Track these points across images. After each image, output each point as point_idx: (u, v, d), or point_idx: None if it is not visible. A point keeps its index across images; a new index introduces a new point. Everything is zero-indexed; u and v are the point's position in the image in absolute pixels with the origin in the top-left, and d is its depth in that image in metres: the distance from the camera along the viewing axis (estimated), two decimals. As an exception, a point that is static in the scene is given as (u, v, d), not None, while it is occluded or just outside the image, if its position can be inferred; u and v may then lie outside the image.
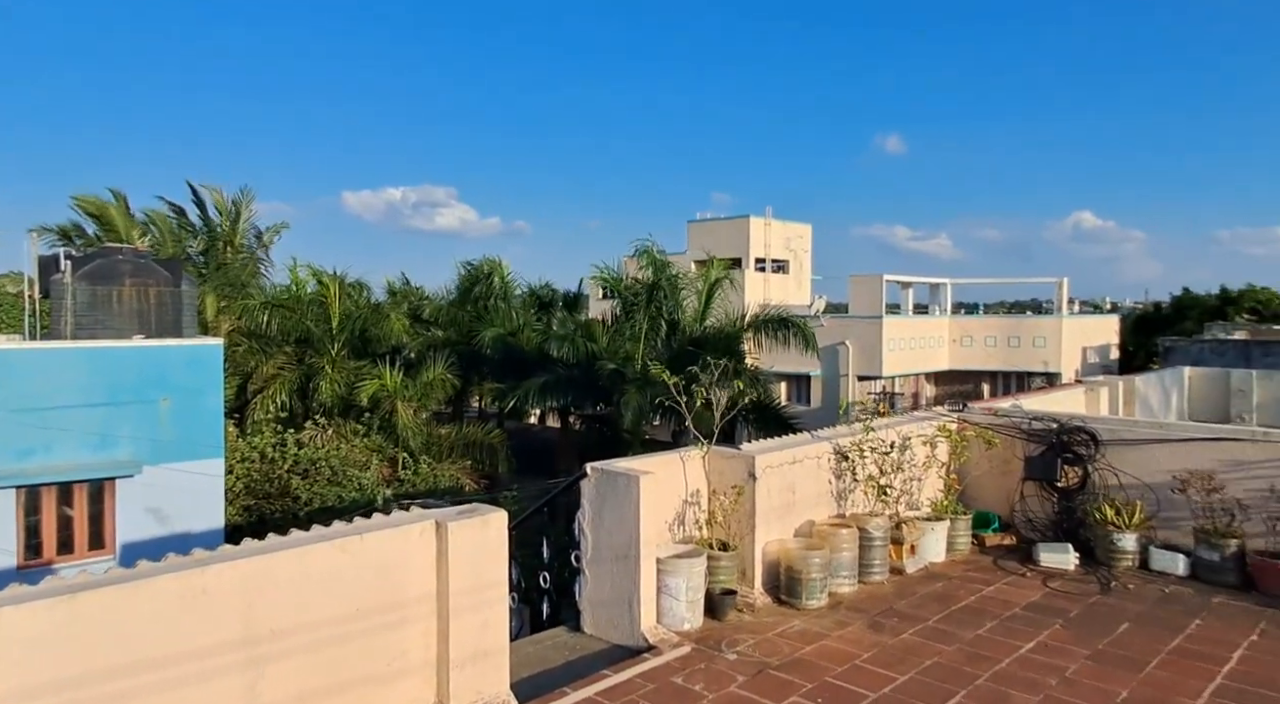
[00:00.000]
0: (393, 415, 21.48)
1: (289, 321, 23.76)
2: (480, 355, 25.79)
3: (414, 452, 21.66)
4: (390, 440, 21.93)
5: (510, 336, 25.74)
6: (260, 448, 18.90)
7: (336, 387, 22.83)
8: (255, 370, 23.35)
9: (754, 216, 33.72)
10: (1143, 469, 6.71)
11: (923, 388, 30.69)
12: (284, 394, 22.77)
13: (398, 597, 3.65)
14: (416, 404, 22.95)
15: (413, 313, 28.58)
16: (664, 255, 22.11)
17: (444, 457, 22.39)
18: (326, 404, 22.76)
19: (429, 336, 26.97)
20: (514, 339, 25.84)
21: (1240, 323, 28.38)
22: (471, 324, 27.19)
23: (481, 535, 3.90)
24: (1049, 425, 7.13)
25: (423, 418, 23.43)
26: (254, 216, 29.78)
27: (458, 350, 26.26)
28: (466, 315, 27.94)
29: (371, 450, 20.87)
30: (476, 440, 22.75)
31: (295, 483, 18.30)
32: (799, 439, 6.43)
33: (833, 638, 5.06)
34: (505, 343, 25.52)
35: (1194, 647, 4.98)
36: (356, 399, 22.28)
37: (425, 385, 23.49)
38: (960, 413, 7.73)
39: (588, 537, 5.15)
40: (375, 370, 22.65)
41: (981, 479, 7.43)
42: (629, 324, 22.01)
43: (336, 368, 23.27)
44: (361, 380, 22.45)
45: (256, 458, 18.72)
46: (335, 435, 20.87)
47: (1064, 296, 30.91)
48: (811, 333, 20.92)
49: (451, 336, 27.44)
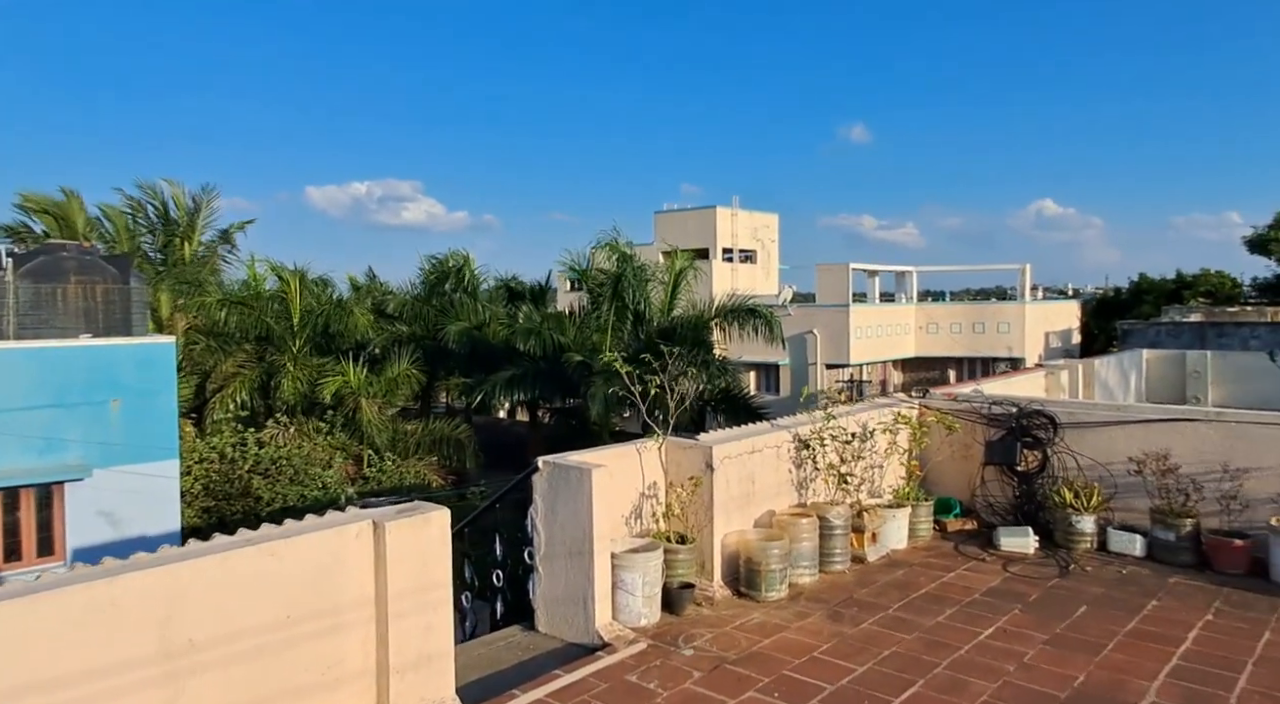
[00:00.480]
0: (357, 412, 21.15)
1: (248, 319, 23.25)
2: (447, 350, 25.47)
3: (379, 449, 21.36)
4: (355, 438, 21.59)
5: (477, 330, 25.46)
6: (219, 448, 18.49)
7: (299, 384, 22.39)
8: (214, 369, 22.85)
9: (720, 207, 33.67)
10: (1100, 451, 6.72)
11: (890, 375, 30.92)
12: (244, 393, 22.33)
13: (333, 601, 3.49)
14: (381, 400, 22.61)
15: (377, 308, 28.14)
16: (630, 247, 21.97)
17: (410, 453, 22.10)
18: (289, 402, 22.34)
19: (394, 332, 26.57)
20: (480, 333, 25.56)
21: (1195, 306, 28.97)
22: (437, 318, 26.85)
23: (422, 535, 3.74)
24: (1009, 410, 7.12)
25: (388, 414, 23.13)
26: (215, 213, 29.17)
27: (424, 345, 25.92)
28: (432, 310, 27.57)
29: (335, 448, 20.53)
30: (443, 436, 22.49)
31: (257, 483, 17.94)
32: (758, 428, 6.34)
33: (792, 630, 4.99)
34: (471, 337, 25.24)
35: (1150, 628, 4.98)
36: (319, 396, 21.88)
37: (390, 381, 23.15)
38: (921, 399, 7.70)
39: (540, 533, 5.02)
40: (339, 367, 22.27)
41: (943, 465, 7.41)
42: (595, 316, 21.87)
43: (298, 365, 22.81)
44: (324, 377, 22.05)
45: (216, 458, 18.31)
46: (297, 434, 20.51)
47: (1026, 283, 31.27)
48: (777, 322, 20.93)
49: (417, 332, 27.07)
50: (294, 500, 16.16)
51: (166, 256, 27.11)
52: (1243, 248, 35.21)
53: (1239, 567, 5.91)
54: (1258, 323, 16.83)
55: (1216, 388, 12.86)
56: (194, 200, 28.60)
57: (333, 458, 20.08)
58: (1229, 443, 6.22)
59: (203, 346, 22.78)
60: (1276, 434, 6.06)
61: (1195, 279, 34.76)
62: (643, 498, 5.54)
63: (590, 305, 22.37)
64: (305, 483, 16.85)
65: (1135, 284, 36.17)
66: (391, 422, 22.71)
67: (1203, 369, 12.87)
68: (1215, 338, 15.42)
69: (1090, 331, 33.79)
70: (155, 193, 26.97)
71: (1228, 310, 21.80)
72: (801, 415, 6.63)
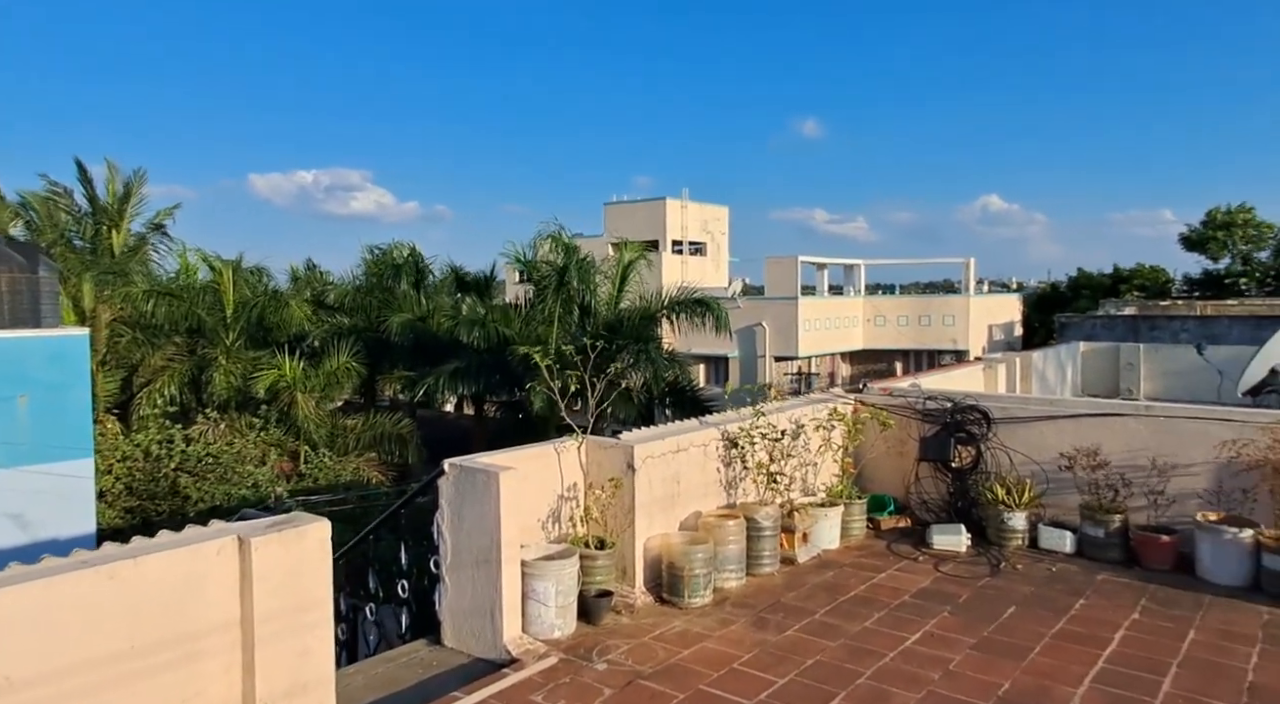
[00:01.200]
0: (292, 407, 20.43)
1: (178, 310, 22.33)
2: (390, 343, 24.82)
3: (317, 445, 20.69)
4: (291, 434, 20.88)
5: (420, 322, 24.84)
6: (145, 445, 17.68)
7: (232, 378, 21.57)
8: (141, 363, 21.94)
9: (670, 199, 33.45)
10: (1033, 447, 6.64)
11: (839, 367, 31.13)
12: (173, 387, 21.43)
13: (190, 627, 3.13)
14: (319, 395, 21.90)
15: (317, 299, 27.29)
16: (573, 239, 21.65)
17: (350, 449, 21.47)
18: (221, 397, 21.52)
19: (335, 324, 25.79)
20: (425, 325, 24.96)
21: (1129, 300, 29.71)
22: (380, 310, 26.14)
23: (297, 550, 3.40)
24: (943, 405, 7.00)
25: (327, 409, 22.44)
26: (145, 199, 28.02)
27: (366, 338, 25.21)
28: (375, 301, 26.83)
29: (270, 445, 19.82)
30: (385, 431, 21.89)
31: (184, 481, 17.20)
32: (685, 426, 6.10)
33: (714, 639, 4.76)
34: (415, 329, 24.63)
35: (1077, 629, 4.87)
36: (254, 391, 21.12)
37: (329, 375, 22.43)
38: (857, 394, 7.55)
39: (447, 540, 4.70)
40: (275, 360, 21.49)
41: (877, 461, 7.27)
42: (541, 308, 21.48)
43: (231, 358, 21.98)
44: (259, 371, 21.29)
45: (140, 456, 17.51)
46: (229, 430, 19.76)
47: (971, 276, 31.73)
48: (725, 314, 20.79)
49: (359, 324, 26.33)
50: (220, 500, 15.51)
51: (96, 245, 25.95)
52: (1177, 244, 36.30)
53: (1166, 562, 5.87)
54: (1187, 316, 17.23)
55: (1149, 381, 13.05)
56: (125, 186, 27.44)
57: (267, 455, 19.40)
58: (1158, 437, 6.18)
59: (129, 339, 21.82)
60: (1204, 428, 6.03)
61: (1130, 274, 35.71)
62: (561, 501, 5.25)
63: (536, 298, 21.97)
64: (235, 481, 16.18)
65: (1074, 279, 37.02)
66: (331, 417, 22.04)
67: (1135, 361, 13.06)
68: (1148, 331, 15.71)
69: (1031, 324, 34.48)
70: (86, 178, 25.81)
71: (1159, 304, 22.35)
72: (732, 412, 6.41)
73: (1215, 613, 5.10)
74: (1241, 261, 34.84)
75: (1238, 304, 25.30)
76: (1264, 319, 15.89)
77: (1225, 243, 34.97)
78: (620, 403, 20.92)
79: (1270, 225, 34.95)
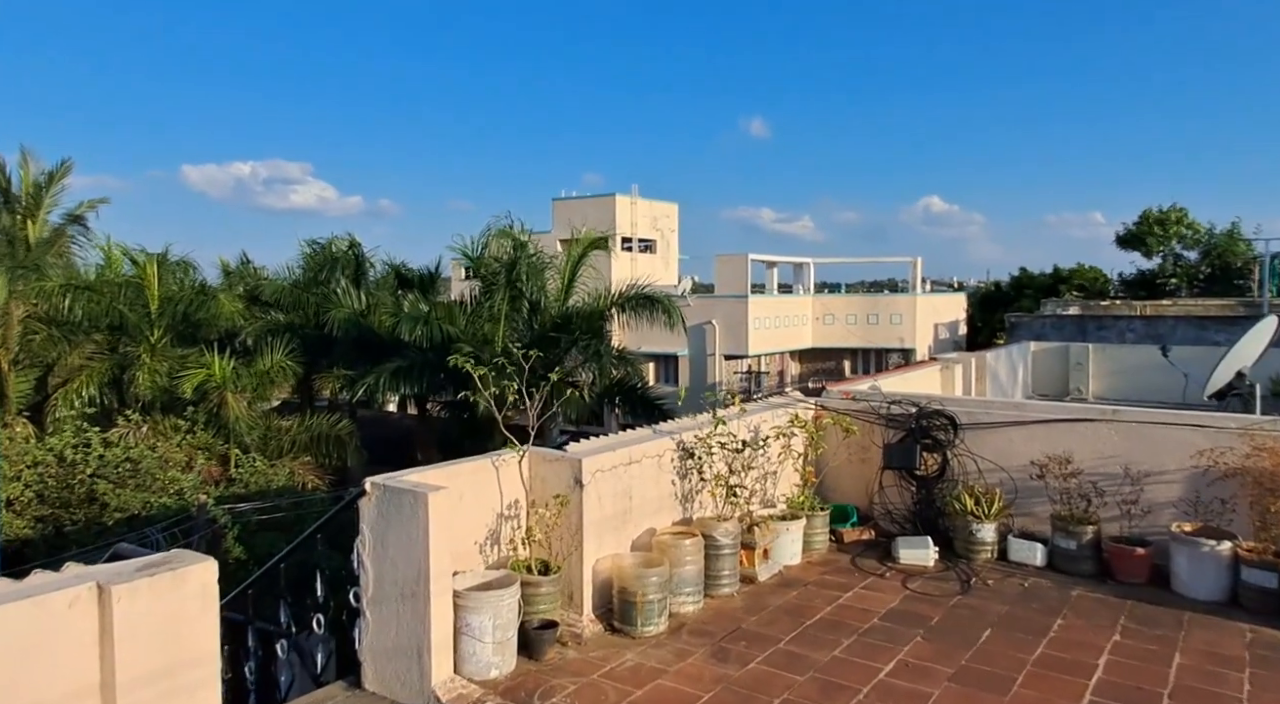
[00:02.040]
0: (222, 408, 19.34)
1: (98, 306, 21.03)
2: (330, 340, 23.80)
3: (249, 448, 19.66)
4: (221, 436, 19.81)
5: (361, 318, 23.88)
6: (58, 450, 16.51)
7: (157, 377, 20.41)
8: (58, 362, 20.62)
9: (620, 195, 32.94)
10: (1001, 454, 6.34)
11: (788, 366, 31.04)
12: (92, 387, 20.18)
13: (29, 698, 2.53)
14: (251, 395, 20.82)
15: (251, 294, 26.05)
16: (525, 234, 20.99)
17: (284, 452, 20.47)
18: (144, 397, 20.34)
19: (269, 320, 24.64)
20: (366, 321, 24.01)
21: (1069, 299, 30.28)
22: (319, 306, 25.08)
23: (174, 598, 2.82)
24: (908, 410, 6.65)
25: (260, 410, 21.37)
26: (64, 189, 26.53)
27: (303, 335, 24.14)
28: (314, 297, 25.73)
29: (196, 448, 18.75)
30: (322, 433, 20.92)
31: (102, 488, 16.10)
32: (637, 435, 5.61)
33: (670, 674, 4.29)
34: (357, 326, 23.67)
35: (1059, 654, 4.54)
36: (180, 391, 19.98)
37: (262, 374, 21.37)
38: (818, 398, 7.17)
39: (369, 570, 4.13)
40: (203, 358, 20.36)
41: (840, 469, 6.90)
42: (488, 305, 20.79)
43: (156, 357, 20.79)
44: (187, 370, 20.14)
45: (53, 461, 16.34)
46: (152, 433, 18.65)
47: (918, 275, 31.93)
48: (677, 310, 20.39)
49: (295, 320, 25.22)
50: (140, 508, 14.52)
51: (12, 237, 24.42)
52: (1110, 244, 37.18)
53: (1140, 576, 5.61)
54: (1133, 316, 17.43)
55: (1097, 380, 13.05)
56: (46, 175, 25.97)
57: (193, 459, 18.36)
58: (1130, 444, 5.92)
59: (43, 337, 20.47)
60: (1177, 435, 5.79)
61: (1070, 274, 36.42)
62: (501, 520, 4.73)
63: (482, 294, 21.27)
64: (156, 488, 15.17)
65: (1016, 278, 37.63)
66: (264, 418, 21.00)
67: (1084, 361, 13.04)
68: (1095, 331, 15.82)
69: (974, 324, 34.94)
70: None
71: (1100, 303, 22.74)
72: (684, 419, 5.96)
73: (1198, 633, 4.82)
74: (1173, 261, 35.84)
75: (1172, 304, 25.99)
76: (1205, 319, 16.19)
77: (1160, 239, 35.91)
78: (569, 403, 20.42)
79: (1200, 226, 36.06)
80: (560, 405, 21.06)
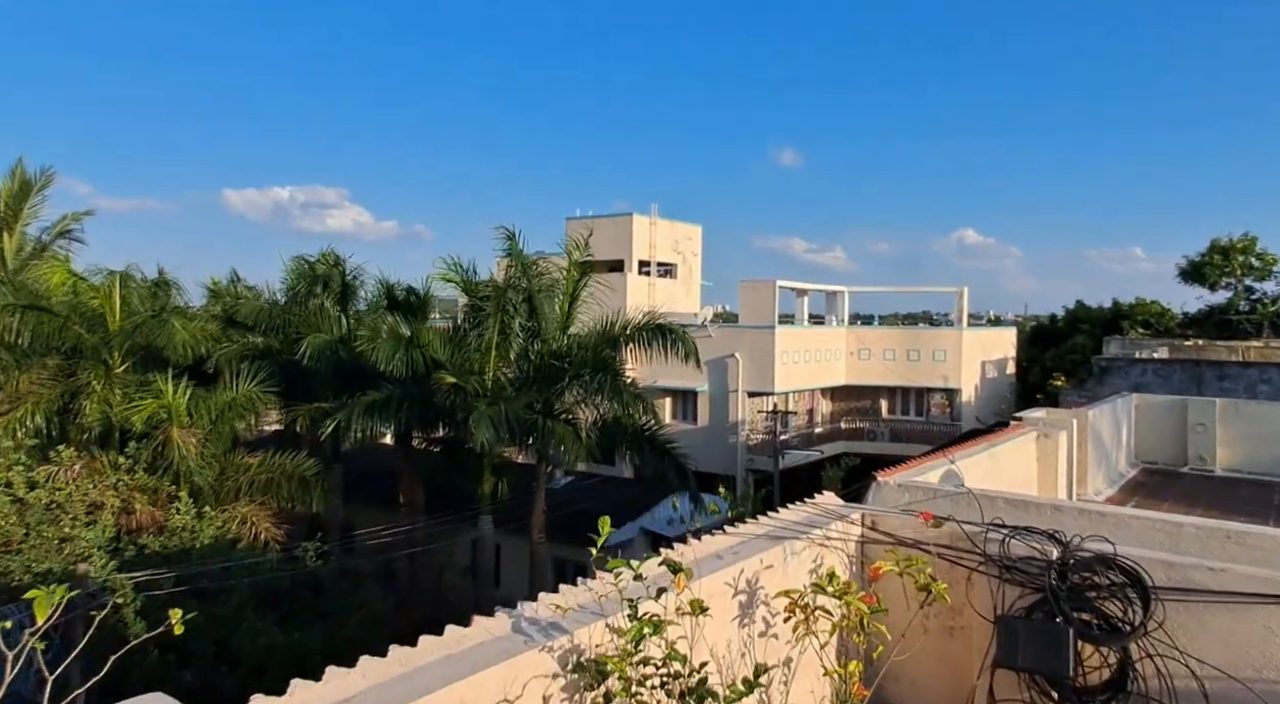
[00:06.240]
0: (166, 445, 16.95)
1: (49, 326, 18.90)
2: (306, 368, 21.45)
3: (199, 490, 17.22)
4: (168, 476, 17.42)
5: (341, 344, 21.54)
6: (-34, 491, 14.22)
7: (107, 407, 18.16)
8: (4, 386, 18.51)
9: (638, 215, 30.52)
10: (1241, 653, 3.44)
11: (819, 404, 28.17)
12: (39, 416, 17.97)
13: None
14: (210, 428, 18.44)
15: (227, 316, 23.83)
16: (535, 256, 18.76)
17: (241, 494, 18.01)
18: (94, 429, 18.12)
19: (243, 344, 22.39)
20: (346, 347, 21.67)
21: (1136, 338, 27.09)
22: (300, 329, 22.80)
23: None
24: (1041, 549, 3.80)
25: (221, 447, 18.95)
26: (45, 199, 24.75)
27: (281, 361, 21.84)
28: (294, 319, 23.45)
29: (135, 489, 16.38)
30: (285, 473, 18.40)
31: (19, 535, 13.77)
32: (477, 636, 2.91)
33: None
34: (336, 353, 21.33)
35: None
36: (131, 423, 17.70)
37: (224, 405, 19.00)
38: (866, 509, 4.36)
39: None
40: (155, 387, 18.06)
41: (914, 661, 3.97)
42: (478, 332, 18.33)
43: (110, 384, 18.54)
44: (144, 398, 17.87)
45: (-44, 505, 14.04)
46: (87, 471, 16.35)
47: (964, 308, 29.01)
48: (691, 342, 17.75)
49: (274, 345, 22.96)
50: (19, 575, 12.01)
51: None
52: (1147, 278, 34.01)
53: None
54: (1266, 364, 14.11)
55: (1228, 447, 10.07)
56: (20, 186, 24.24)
57: (131, 502, 16.00)
58: None
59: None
60: None
61: (1132, 309, 33.30)
62: None
63: (473, 320, 18.83)
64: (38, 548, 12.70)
65: (1071, 312, 34.54)
66: (223, 456, 18.60)
67: (1209, 421, 10.05)
68: (1215, 381, 12.71)
69: (1021, 362, 31.88)
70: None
71: (1184, 344, 19.69)
72: (593, 583, 3.12)
73: None
74: (1245, 295, 32.51)
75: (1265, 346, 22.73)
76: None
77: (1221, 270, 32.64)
78: (564, 441, 17.81)
79: (1271, 256, 32.78)
80: (555, 445, 18.58)
